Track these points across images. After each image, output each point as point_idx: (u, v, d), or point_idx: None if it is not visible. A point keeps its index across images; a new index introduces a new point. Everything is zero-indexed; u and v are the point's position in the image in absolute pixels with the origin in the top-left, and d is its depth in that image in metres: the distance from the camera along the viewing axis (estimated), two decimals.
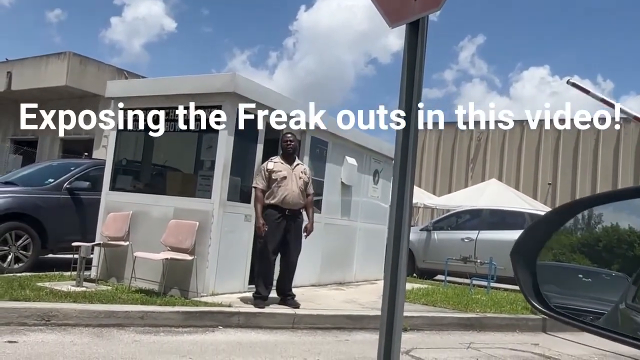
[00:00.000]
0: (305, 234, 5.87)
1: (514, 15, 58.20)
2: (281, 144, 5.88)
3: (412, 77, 2.01)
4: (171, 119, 6.35)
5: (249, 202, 6.24)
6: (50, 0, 70.09)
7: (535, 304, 1.18)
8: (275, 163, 5.69)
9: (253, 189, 5.75)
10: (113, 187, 6.76)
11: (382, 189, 9.43)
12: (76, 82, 19.30)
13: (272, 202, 5.57)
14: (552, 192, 22.17)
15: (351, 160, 8.21)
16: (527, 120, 23.80)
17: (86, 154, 17.63)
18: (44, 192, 7.24)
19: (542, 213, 11.17)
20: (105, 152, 7.66)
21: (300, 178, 5.78)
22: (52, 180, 7.50)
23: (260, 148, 6.31)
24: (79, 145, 21.01)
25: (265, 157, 6.00)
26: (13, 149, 22.78)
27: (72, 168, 7.80)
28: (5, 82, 20.74)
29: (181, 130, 6.30)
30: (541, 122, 23.30)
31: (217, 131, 5.90)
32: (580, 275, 1.31)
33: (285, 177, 5.63)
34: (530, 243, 1.23)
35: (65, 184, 7.43)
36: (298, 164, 5.89)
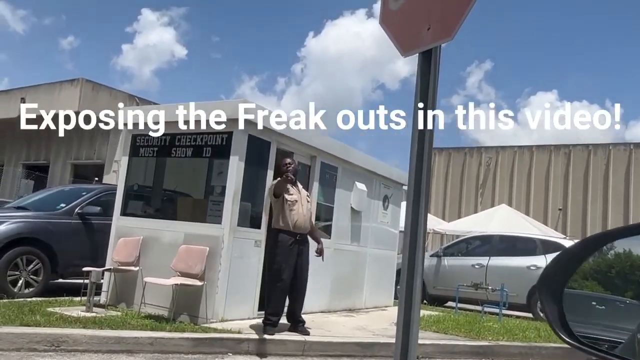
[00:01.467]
0: (319, 255, 5.84)
1: (522, 41, 58.63)
2: (280, 169, 5.75)
3: (425, 105, 2.03)
4: (182, 145, 6.42)
5: (259, 227, 6.24)
6: (63, 28, 71.58)
7: (563, 336, 1.17)
8: (288, 185, 5.66)
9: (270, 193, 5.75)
10: (124, 212, 6.79)
11: (391, 214, 9.41)
12: (88, 108, 19.51)
13: (283, 226, 5.55)
14: (562, 218, 22.00)
15: (361, 186, 8.21)
16: (535, 146, 23.80)
17: (97, 179, 17.78)
18: (55, 217, 7.29)
19: (554, 239, 11.09)
20: (116, 177, 7.73)
21: (307, 202, 5.81)
22: (63, 205, 7.55)
23: (270, 174, 6.33)
24: (89, 171, 21.19)
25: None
26: (25, 174, 23.01)
27: (84, 193, 7.86)
28: (19, 108, 21.02)
29: (192, 156, 6.35)
30: (549, 147, 23.26)
31: (227, 157, 5.94)
32: (594, 303, 1.30)
33: (296, 201, 5.63)
34: (557, 274, 1.22)
35: (77, 209, 7.48)
36: (301, 189, 5.90)
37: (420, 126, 2.04)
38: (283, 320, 5.69)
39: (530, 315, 9.80)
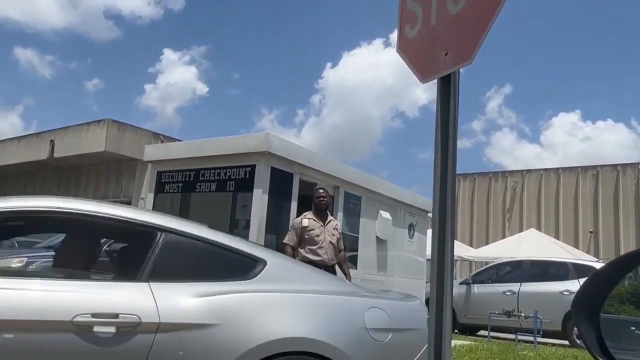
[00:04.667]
0: None
1: (540, 63, 58.42)
2: (314, 200, 5.88)
3: (447, 132, 2.02)
4: (206, 180, 6.48)
5: None
6: (88, 71, 73.97)
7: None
8: (310, 220, 5.68)
9: (283, 245, 5.72)
10: None
11: (417, 242, 9.30)
12: (114, 147, 20.00)
13: (308, 258, 5.52)
14: (594, 240, 21.46)
15: (385, 215, 8.15)
16: (562, 168, 23.45)
17: None
18: None
19: (587, 263, 10.81)
20: None
21: (333, 235, 5.77)
22: None
23: (294, 205, 6.34)
24: None
25: (299, 214, 6.01)
26: None
27: None
28: (48, 149, 21.65)
29: (216, 191, 6.41)
30: (576, 169, 22.89)
31: (251, 190, 5.97)
32: (634, 328, 1.25)
33: (318, 236, 5.60)
34: (591, 295, 1.18)
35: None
36: (330, 220, 5.88)
37: (443, 152, 2.02)
38: None
39: (566, 342, 9.48)
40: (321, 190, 5.89)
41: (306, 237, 5.56)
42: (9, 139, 24.92)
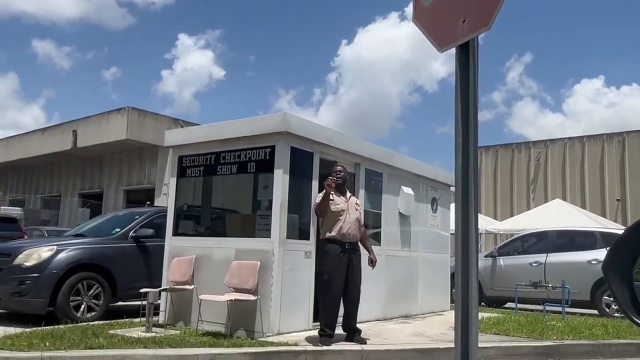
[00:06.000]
0: (371, 265, 5.82)
1: (561, 29, 56.95)
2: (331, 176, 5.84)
3: (467, 100, 1.98)
4: (227, 162, 6.51)
5: (307, 239, 6.24)
6: (105, 60, 74.50)
7: (636, 319, 1.10)
8: (332, 194, 5.68)
9: (316, 207, 5.70)
10: (176, 233, 6.93)
11: (441, 217, 9.24)
12: (136, 134, 20.21)
13: (331, 236, 5.54)
14: (622, 208, 21.08)
15: (407, 190, 8.11)
16: (587, 136, 22.96)
17: (148, 202, 18.28)
18: (111, 242, 7.52)
19: (614, 231, 10.62)
20: (166, 200, 7.91)
21: (356, 210, 5.77)
22: (118, 230, 7.78)
23: (315, 184, 6.34)
24: (141, 195, 21.82)
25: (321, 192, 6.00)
26: (81, 203, 23.92)
27: (137, 217, 8.08)
28: (71, 140, 21.97)
29: (237, 173, 6.43)
30: (601, 136, 22.41)
31: (272, 171, 5.98)
32: None
33: (343, 210, 5.61)
34: (623, 256, 1.15)
35: (131, 233, 7.70)
36: (351, 197, 5.88)
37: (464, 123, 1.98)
38: (339, 330, 5.65)
39: (595, 312, 9.39)
40: (338, 167, 5.88)
41: (331, 210, 5.56)
42: (33, 131, 25.36)
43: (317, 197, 5.83)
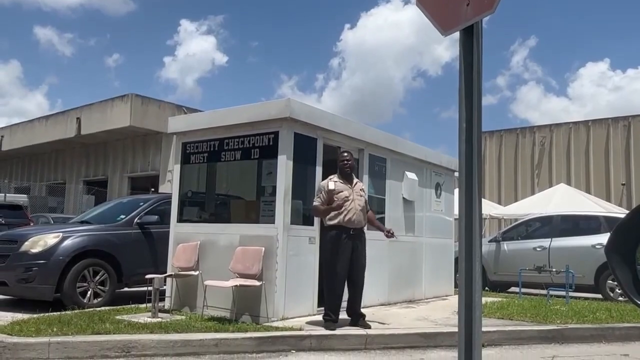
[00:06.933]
0: (389, 235, 5.93)
1: (565, 12, 56.35)
2: (338, 164, 5.87)
3: (471, 84, 1.97)
4: (231, 149, 6.51)
5: (312, 224, 6.25)
6: (108, 47, 74.30)
7: (638, 301, 1.11)
8: (336, 182, 5.68)
9: (314, 208, 5.75)
10: (180, 219, 6.96)
11: (445, 202, 9.24)
12: (139, 121, 20.21)
13: (336, 222, 5.56)
14: (627, 193, 21.02)
15: (411, 175, 8.10)
16: (592, 120, 22.83)
17: (153, 189, 18.35)
18: (116, 229, 7.56)
19: (619, 215, 10.60)
20: (171, 186, 7.92)
21: (361, 196, 5.78)
22: (123, 216, 7.81)
23: (319, 170, 6.34)
24: (145, 182, 21.90)
25: (324, 178, 6.01)
26: (86, 190, 24.01)
27: (141, 204, 8.11)
28: (75, 127, 21.99)
29: (241, 159, 6.43)
30: (606, 121, 22.27)
31: (276, 157, 5.98)
32: None
33: (347, 197, 5.62)
34: (625, 239, 1.16)
35: (136, 219, 7.73)
36: (357, 182, 5.88)
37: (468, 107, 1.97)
38: (344, 315, 5.68)
39: (599, 296, 9.41)
40: (345, 154, 5.86)
41: (335, 199, 5.57)
42: (37, 118, 25.41)
43: (321, 184, 5.82)
